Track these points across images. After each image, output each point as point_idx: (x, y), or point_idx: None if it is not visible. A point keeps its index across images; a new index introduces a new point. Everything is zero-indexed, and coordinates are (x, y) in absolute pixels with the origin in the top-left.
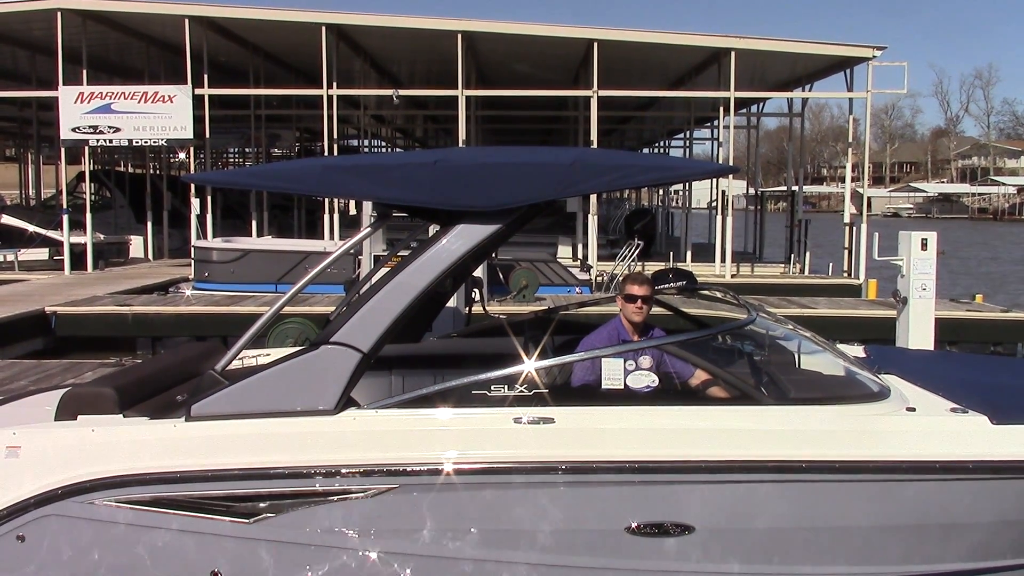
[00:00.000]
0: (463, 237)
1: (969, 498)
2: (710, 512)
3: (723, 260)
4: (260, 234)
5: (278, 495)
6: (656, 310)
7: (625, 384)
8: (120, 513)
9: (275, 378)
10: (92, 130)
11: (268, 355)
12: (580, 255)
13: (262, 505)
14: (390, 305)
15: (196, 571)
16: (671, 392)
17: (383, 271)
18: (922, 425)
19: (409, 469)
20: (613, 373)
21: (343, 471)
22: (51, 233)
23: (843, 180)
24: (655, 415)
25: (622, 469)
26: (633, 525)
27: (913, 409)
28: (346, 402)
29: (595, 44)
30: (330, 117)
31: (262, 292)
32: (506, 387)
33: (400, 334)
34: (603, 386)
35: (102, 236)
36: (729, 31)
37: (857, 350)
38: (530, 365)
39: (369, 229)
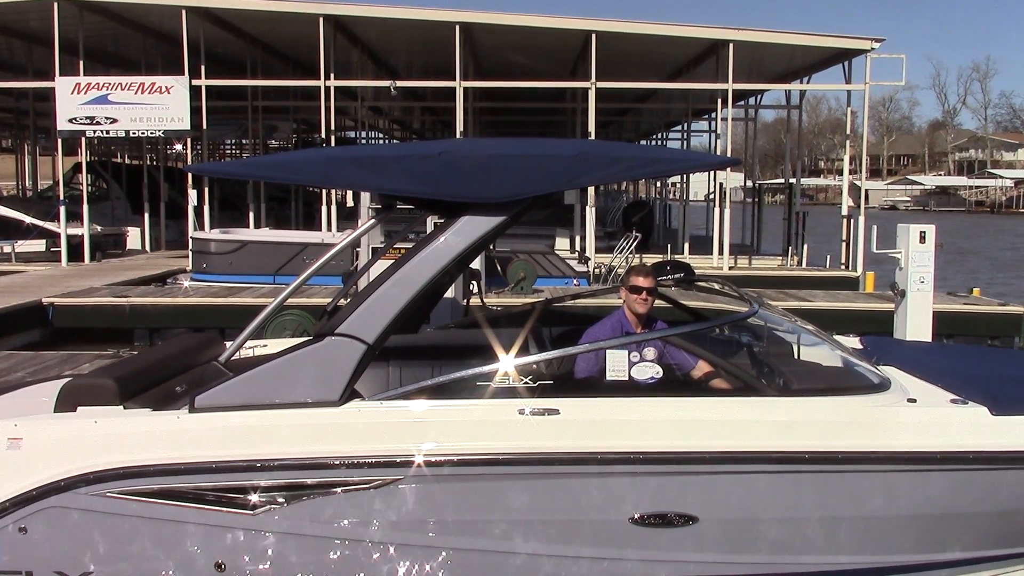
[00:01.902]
0: (467, 229)
1: (970, 488)
2: (713, 503)
3: (720, 252)
4: (257, 226)
5: (282, 487)
6: (656, 302)
7: (630, 375)
8: (123, 505)
9: (279, 369)
10: (89, 121)
11: (265, 346)
12: (578, 247)
13: (266, 497)
14: (395, 297)
15: (200, 563)
16: (674, 383)
17: (380, 262)
18: (923, 416)
19: (413, 460)
20: (617, 364)
21: (347, 463)
22: (48, 224)
23: (840, 173)
24: (659, 406)
25: (626, 460)
26: (636, 516)
27: (914, 400)
28: (350, 394)
29: (593, 36)
30: (328, 108)
31: (260, 283)
32: (510, 378)
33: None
34: (608, 377)
35: (99, 227)
36: (727, 23)
37: (853, 341)
38: (534, 357)
39: (373, 221)
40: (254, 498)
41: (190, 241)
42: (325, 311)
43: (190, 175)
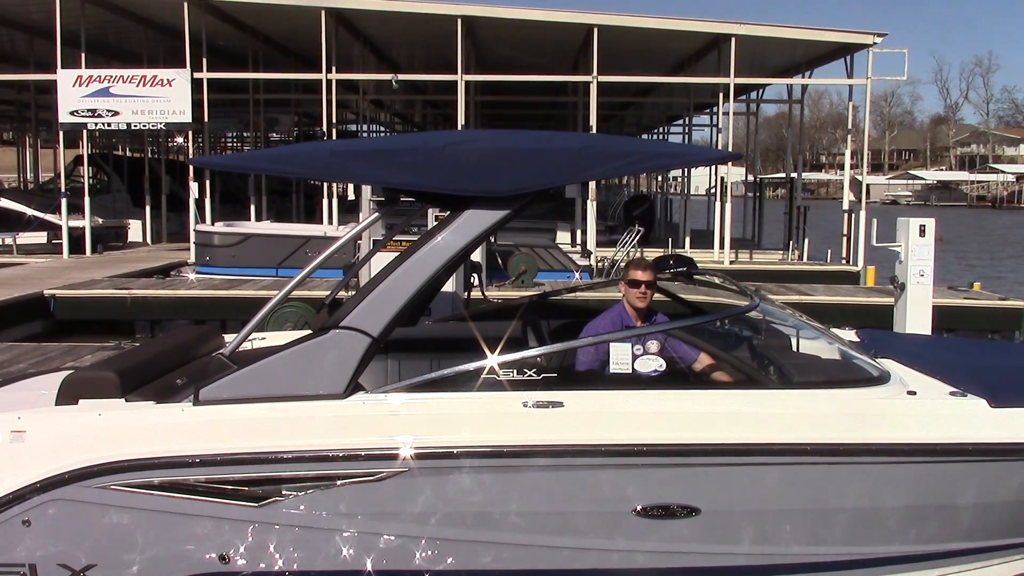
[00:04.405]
0: (472, 223)
1: (969, 480)
2: (716, 494)
3: (722, 247)
4: (259, 219)
5: (287, 479)
6: (655, 296)
7: (633, 368)
8: (127, 498)
9: (284, 362)
10: (90, 114)
11: (264, 339)
12: (579, 241)
13: (271, 489)
14: (400, 290)
15: (204, 555)
16: (676, 376)
17: (379, 255)
18: (923, 408)
19: (418, 453)
20: (621, 357)
21: (352, 455)
22: (49, 217)
23: (842, 167)
24: (663, 399)
25: (630, 452)
26: (640, 507)
27: (914, 393)
28: (354, 386)
29: (595, 29)
30: (329, 102)
31: (263, 276)
32: (514, 371)
33: None
34: (611, 370)
35: (100, 220)
36: (729, 17)
37: (850, 334)
38: (537, 350)
39: (376, 215)
40: (259, 490)
41: (193, 234)
42: (324, 304)
43: (191, 168)
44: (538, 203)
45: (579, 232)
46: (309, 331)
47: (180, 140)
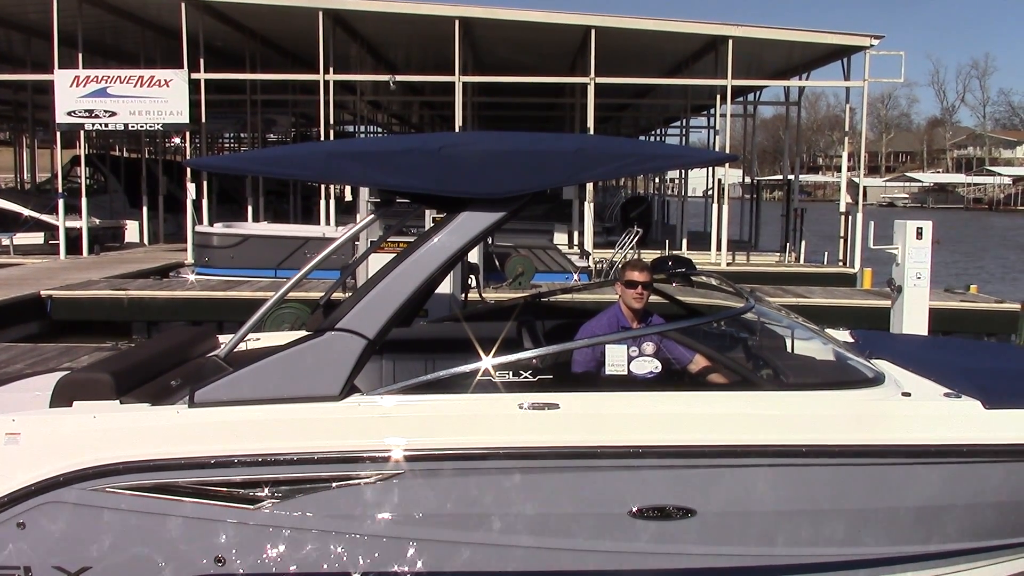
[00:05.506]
0: (468, 225)
1: (963, 481)
2: (712, 496)
3: (719, 248)
4: (256, 219)
5: (282, 481)
6: (651, 297)
7: (628, 370)
8: (122, 500)
9: (279, 364)
10: (88, 114)
11: (258, 339)
12: (576, 242)
13: (266, 491)
14: (396, 292)
15: (200, 558)
16: (671, 378)
17: (374, 256)
18: (917, 410)
19: (413, 455)
20: (617, 359)
21: (348, 457)
22: (46, 217)
23: (839, 169)
24: (659, 400)
25: (625, 454)
26: (635, 509)
27: (908, 394)
28: (350, 388)
29: (592, 31)
30: (326, 103)
31: (262, 277)
32: (510, 373)
33: None
34: (607, 372)
35: (97, 221)
36: (726, 19)
37: (844, 335)
38: (532, 352)
39: (373, 216)
40: (254, 493)
41: (192, 235)
42: (319, 304)
43: (188, 169)
44: (535, 205)
45: (577, 234)
46: (305, 333)
47: (177, 141)
